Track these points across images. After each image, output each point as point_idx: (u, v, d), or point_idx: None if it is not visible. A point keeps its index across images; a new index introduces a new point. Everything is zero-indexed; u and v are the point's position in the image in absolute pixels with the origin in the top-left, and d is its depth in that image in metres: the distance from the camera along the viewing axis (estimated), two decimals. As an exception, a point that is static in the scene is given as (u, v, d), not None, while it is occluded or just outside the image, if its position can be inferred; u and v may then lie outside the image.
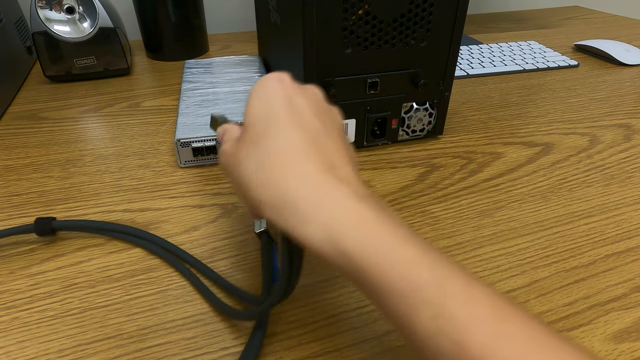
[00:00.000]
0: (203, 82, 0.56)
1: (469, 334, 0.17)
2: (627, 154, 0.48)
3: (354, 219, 0.19)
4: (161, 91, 0.63)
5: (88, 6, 0.61)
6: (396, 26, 0.41)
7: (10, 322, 0.29)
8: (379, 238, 0.19)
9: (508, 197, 0.41)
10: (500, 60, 0.73)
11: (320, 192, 0.20)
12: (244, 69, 0.60)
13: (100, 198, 0.40)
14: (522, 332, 0.17)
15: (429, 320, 0.17)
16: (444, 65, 0.45)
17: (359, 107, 0.45)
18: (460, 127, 0.54)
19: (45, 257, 0.34)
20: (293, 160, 0.21)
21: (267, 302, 0.25)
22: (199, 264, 0.33)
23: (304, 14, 0.38)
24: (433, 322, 0.17)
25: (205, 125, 0.45)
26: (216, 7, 0.92)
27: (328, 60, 0.41)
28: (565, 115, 0.57)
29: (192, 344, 0.28)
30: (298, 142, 0.22)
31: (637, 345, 0.28)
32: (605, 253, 0.35)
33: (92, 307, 0.30)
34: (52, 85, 0.65)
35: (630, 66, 0.74)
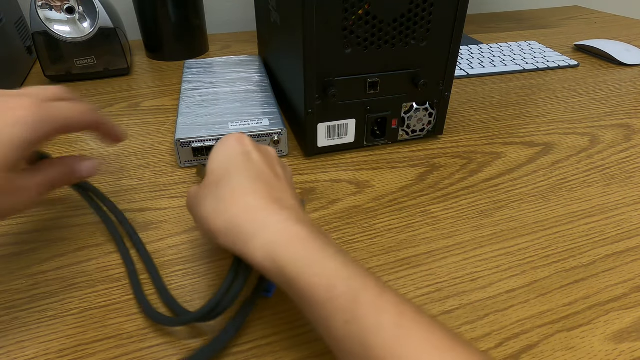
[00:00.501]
0: (203, 82, 0.56)
1: (373, 337, 0.19)
2: (627, 154, 0.48)
3: (288, 237, 0.23)
4: (161, 91, 0.63)
5: (88, 6, 0.61)
6: (396, 26, 0.41)
7: (10, 322, 0.29)
8: (307, 254, 0.22)
9: (508, 197, 0.41)
10: (500, 60, 0.73)
11: (262, 216, 0.24)
12: (244, 68, 0.60)
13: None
14: (420, 336, 0.19)
15: (342, 325, 0.20)
16: (444, 65, 0.45)
17: (359, 107, 0.45)
18: (460, 127, 0.54)
19: (45, 257, 0.34)
20: (242, 194, 0.25)
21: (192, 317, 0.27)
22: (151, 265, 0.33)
23: (304, 14, 0.38)
24: (345, 327, 0.20)
25: (206, 125, 0.45)
26: (216, 7, 0.93)
27: (328, 60, 0.41)
28: (565, 115, 0.57)
29: (192, 344, 0.28)
30: (248, 182, 0.26)
31: (637, 345, 0.28)
32: (605, 253, 0.35)
33: (92, 307, 0.30)
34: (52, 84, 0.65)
35: (630, 66, 0.74)
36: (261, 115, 0.47)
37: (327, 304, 0.21)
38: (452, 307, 0.30)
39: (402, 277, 0.33)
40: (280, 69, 0.53)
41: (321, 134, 0.45)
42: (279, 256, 0.22)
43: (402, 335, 0.19)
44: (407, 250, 0.35)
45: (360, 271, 0.22)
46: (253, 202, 0.25)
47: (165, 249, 0.35)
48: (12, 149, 0.24)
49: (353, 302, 0.20)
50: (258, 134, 0.45)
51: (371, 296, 0.21)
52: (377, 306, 0.20)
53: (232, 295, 0.26)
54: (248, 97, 0.52)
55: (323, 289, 0.21)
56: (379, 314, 0.20)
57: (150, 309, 0.29)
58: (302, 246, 0.22)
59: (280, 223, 0.23)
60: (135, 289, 0.31)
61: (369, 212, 0.39)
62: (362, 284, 0.21)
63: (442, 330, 0.20)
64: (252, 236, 0.23)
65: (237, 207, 0.24)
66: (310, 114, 0.43)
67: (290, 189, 0.28)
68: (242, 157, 0.28)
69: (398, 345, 0.19)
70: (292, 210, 0.25)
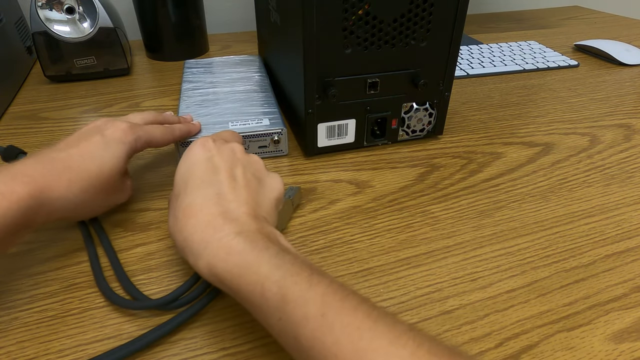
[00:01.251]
0: (203, 82, 0.56)
1: (302, 329, 0.21)
2: (627, 154, 0.48)
3: (225, 252, 0.25)
4: (161, 91, 0.63)
5: (88, 6, 0.61)
6: (396, 26, 0.41)
7: (10, 322, 0.29)
8: (242, 265, 0.24)
9: (508, 197, 0.41)
10: (500, 60, 0.73)
11: (207, 235, 0.26)
12: (243, 68, 0.60)
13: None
14: (343, 321, 0.20)
15: (277, 322, 0.22)
16: (444, 65, 0.45)
17: (359, 107, 0.45)
18: (460, 127, 0.54)
19: (45, 257, 0.34)
20: (192, 213, 0.27)
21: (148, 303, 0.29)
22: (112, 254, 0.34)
23: (304, 14, 0.38)
24: (279, 324, 0.22)
25: (206, 125, 0.45)
26: (216, 7, 0.93)
27: (328, 60, 0.41)
28: (565, 115, 0.57)
29: (192, 344, 0.28)
30: (199, 198, 0.28)
31: (637, 345, 0.28)
32: (605, 253, 0.35)
33: (92, 307, 0.30)
34: (52, 85, 0.65)
35: (630, 66, 0.74)
36: (261, 115, 0.47)
37: (263, 306, 0.23)
38: (452, 307, 0.30)
39: (402, 277, 0.33)
40: (280, 69, 0.53)
41: (321, 134, 0.45)
42: (218, 271, 0.25)
43: (326, 323, 0.21)
44: (407, 250, 0.35)
45: (293, 270, 0.23)
46: (201, 221, 0.27)
47: (165, 249, 0.35)
48: (120, 160, 0.34)
49: (282, 300, 0.22)
50: (258, 133, 0.45)
51: (298, 291, 0.22)
52: (304, 299, 0.22)
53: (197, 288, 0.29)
54: (248, 97, 0.52)
55: (257, 293, 0.23)
56: (304, 307, 0.21)
57: (110, 291, 0.30)
58: (238, 258, 0.24)
59: (220, 240, 0.25)
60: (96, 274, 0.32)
61: (369, 212, 0.39)
62: (292, 282, 0.22)
63: (365, 313, 0.21)
64: (198, 255, 0.26)
65: (187, 228, 0.27)
66: (310, 114, 0.43)
67: (246, 192, 0.29)
68: (203, 166, 0.30)
69: (322, 333, 0.20)
70: (235, 223, 0.26)
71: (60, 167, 0.30)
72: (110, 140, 0.33)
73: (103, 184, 0.32)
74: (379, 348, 0.19)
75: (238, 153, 0.32)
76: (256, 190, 0.30)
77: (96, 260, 0.33)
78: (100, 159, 0.32)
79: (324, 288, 0.22)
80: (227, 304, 0.30)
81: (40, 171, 0.29)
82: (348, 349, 0.20)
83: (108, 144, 0.33)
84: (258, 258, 0.24)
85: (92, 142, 0.33)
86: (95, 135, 0.33)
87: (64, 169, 0.30)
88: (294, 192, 0.38)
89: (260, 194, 0.30)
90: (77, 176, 0.30)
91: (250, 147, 0.46)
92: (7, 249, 0.28)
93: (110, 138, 0.33)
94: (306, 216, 0.39)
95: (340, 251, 0.35)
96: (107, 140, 0.33)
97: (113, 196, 0.35)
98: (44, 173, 0.29)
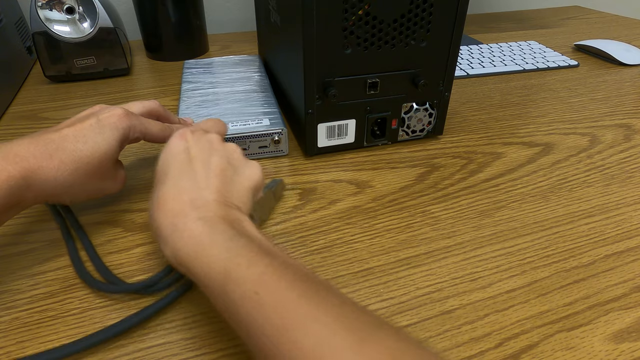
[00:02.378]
0: (203, 82, 0.56)
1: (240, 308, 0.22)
2: (627, 154, 0.48)
3: (187, 236, 0.25)
4: (161, 91, 0.63)
5: (88, 6, 0.61)
6: (396, 26, 0.41)
7: (10, 322, 0.29)
8: (198, 250, 0.25)
9: (508, 197, 0.41)
10: (500, 60, 0.73)
11: (174, 221, 0.27)
12: (243, 68, 0.60)
13: (100, 198, 0.40)
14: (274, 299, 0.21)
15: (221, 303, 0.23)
16: (444, 65, 0.45)
17: (359, 107, 0.45)
18: (460, 127, 0.54)
19: (45, 257, 0.34)
20: (165, 200, 0.28)
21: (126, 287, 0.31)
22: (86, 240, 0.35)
23: (304, 14, 0.38)
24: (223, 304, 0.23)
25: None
26: (216, 7, 0.93)
27: (328, 60, 0.41)
28: (566, 115, 0.57)
29: (192, 344, 0.28)
30: (173, 186, 0.29)
31: (637, 345, 0.28)
32: (605, 253, 0.35)
33: (92, 307, 0.30)
34: (52, 85, 0.65)
35: (630, 66, 0.74)
36: (261, 115, 0.47)
37: (209, 287, 0.24)
38: (452, 307, 0.30)
39: (402, 277, 0.33)
40: (280, 69, 0.53)
41: (321, 134, 0.45)
42: (179, 254, 0.25)
43: (259, 301, 0.21)
44: (407, 250, 0.35)
45: (241, 252, 0.24)
46: (170, 208, 0.27)
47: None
48: (113, 146, 0.33)
49: (224, 280, 0.23)
50: (258, 133, 0.45)
51: (239, 271, 0.23)
52: (243, 279, 0.22)
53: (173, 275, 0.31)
54: (248, 97, 0.52)
55: (205, 274, 0.24)
56: (243, 286, 0.22)
57: (87, 275, 0.32)
58: (195, 241, 0.25)
59: (185, 225, 0.26)
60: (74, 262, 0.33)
61: (369, 212, 0.39)
62: (235, 264, 0.23)
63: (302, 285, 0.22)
64: (165, 241, 0.26)
65: (160, 214, 0.27)
66: (310, 114, 0.43)
67: (218, 180, 0.30)
68: (180, 156, 0.31)
69: (256, 311, 0.21)
70: (202, 209, 0.27)
71: (52, 148, 0.30)
72: (104, 125, 0.33)
73: (94, 167, 0.32)
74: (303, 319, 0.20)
75: (215, 143, 0.33)
76: (230, 178, 0.31)
77: (75, 252, 0.34)
78: (92, 141, 0.32)
79: (263, 267, 0.23)
80: (227, 304, 0.30)
81: (32, 152, 0.29)
82: (276, 325, 0.20)
83: (102, 128, 0.33)
84: (212, 241, 0.25)
85: (86, 124, 0.33)
86: (91, 118, 0.33)
87: (56, 150, 0.30)
88: (276, 183, 0.39)
89: (235, 182, 0.31)
90: (69, 157, 0.30)
91: (250, 147, 0.46)
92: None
93: (104, 122, 0.33)
94: (306, 216, 0.39)
95: (341, 251, 0.35)
96: (101, 124, 0.33)
97: (104, 183, 0.35)
98: (36, 154, 0.29)
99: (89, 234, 0.36)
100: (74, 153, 0.31)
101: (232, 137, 0.44)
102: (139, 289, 0.30)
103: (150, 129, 0.37)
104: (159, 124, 0.38)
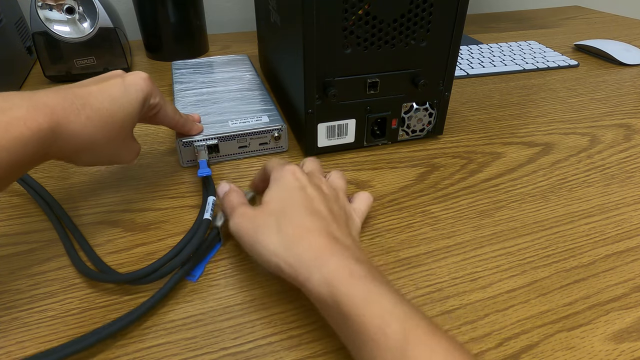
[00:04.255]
0: (195, 82, 0.56)
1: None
2: (627, 154, 0.48)
3: (347, 275, 0.25)
4: (161, 91, 0.63)
5: (88, 6, 0.61)
6: (396, 26, 0.41)
7: (10, 322, 0.29)
8: (363, 292, 0.24)
9: (508, 197, 0.41)
10: (500, 60, 0.73)
11: (325, 254, 0.26)
12: (233, 68, 0.60)
13: (100, 198, 0.40)
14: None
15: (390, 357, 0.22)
16: (444, 65, 0.45)
17: (359, 107, 0.45)
18: (460, 127, 0.54)
19: (45, 257, 0.34)
20: (306, 235, 0.28)
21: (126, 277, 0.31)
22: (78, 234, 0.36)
23: (304, 14, 0.38)
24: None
25: (206, 125, 0.45)
26: (216, 7, 0.93)
27: (328, 60, 0.41)
28: (565, 115, 0.57)
29: (192, 344, 0.28)
30: (310, 223, 0.28)
31: (637, 345, 0.28)
32: (605, 253, 0.35)
33: (92, 307, 0.30)
34: (52, 86, 0.65)
35: (630, 66, 0.74)
36: (260, 113, 0.48)
37: (380, 341, 0.22)
38: (452, 307, 0.30)
39: (402, 277, 0.33)
40: (281, 69, 0.53)
41: (321, 134, 0.45)
42: (337, 292, 0.24)
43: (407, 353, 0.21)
44: (407, 250, 0.35)
45: (412, 310, 0.23)
46: (315, 242, 0.27)
47: (165, 249, 0.35)
48: (136, 107, 0.34)
49: (404, 340, 0.21)
50: (259, 130, 0.45)
51: (422, 335, 0.22)
52: (428, 346, 0.21)
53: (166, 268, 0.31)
54: (244, 95, 0.52)
55: (377, 326, 0.22)
56: (430, 355, 0.21)
57: (83, 265, 0.32)
58: (360, 284, 0.24)
59: (340, 261, 0.26)
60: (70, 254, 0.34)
61: (369, 212, 0.39)
62: (415, 324, 0.22)
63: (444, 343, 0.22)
64: (313, 270, 0.26)
65: (301, 246, 0.27)
66: (310, 114, 0.43)
67: (345, 227, 0.31)
68: (300, 194, 0.31)
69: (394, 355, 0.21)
70: (350, 249, 0.27)
71: (80, 103, 0.30)
72: (129, 84, 0.33)
73: (117, 128, 0.32)
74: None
75: (324, 187, 0.33)
76: (346, 223, 0.32)
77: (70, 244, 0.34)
78: (117, 100, 0.32)
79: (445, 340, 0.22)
80: (227, 304, 0.30)
81: (61, 104, 0.29)
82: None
83: (127, 88, 0.33)
84: (379, 290, 0.24)
85: (111, 83, 0.33)
86: (116, 78, 0.33)
87: (84, 105, 0.30)
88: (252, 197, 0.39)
89: (350, 227, 0.32)
90: (95, 114, 0.30)
91: (251, 144, 0.46)
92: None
93: (129, 82, 0.34)
94: (306, 216, 0.39)
95: (340, 251, 0.35)
96: (126, 84, 0.33)
97: (121, 148, 0.34)
98: (65, 106, 0.29)
99: (89, 234, 0.36)
100: (100, 111, 0.31)
101: (232, 134, 0.44)
102: (134, 278, 0.30)
103: (166, 105, 0.38)
104: (173, 105, 0.39)
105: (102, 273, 0.32)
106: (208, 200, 0.36)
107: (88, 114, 0.30)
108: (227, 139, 0.45)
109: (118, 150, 0.34)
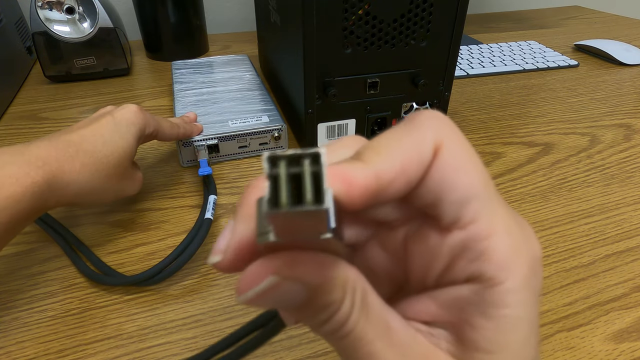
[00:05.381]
0: (195, 82, 0.56)
1: None
2: (627, 154, 0.48)
3: None
4: (161, 91, 0.63)
5: (88, 6, 0.61)
6: (396, 26, 0.41)
7: (10, 322, 0.29)
8: None
9: (508, 197, 0.41)
10: (500, 60, 0.73)
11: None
12: (233, 68, 0.60)
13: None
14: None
15: None
16: (444, 65, 0.45)
17: (359, 107, 0.45)
18: (460, 127, 0.53)
19: (45, 257, 0.34)
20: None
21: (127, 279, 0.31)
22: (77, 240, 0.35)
23: (304, 14, 0.38)
24: None
25: (206, 125, 0.45)
26: (216, 7, 0.93)
27: (328, 60, 0.41)
28: (565, 115, 0.57)
29: (192, 344, 0.28)
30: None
31: (637, 345, 0.28)
32: (605, 253, 0.35)
33: (92, 307, 0.30)
34: (52, 85, 0.65)
35: (630, 66, 0.74)
36: (260, 112, 0.48)
37: None
38: (452, 307, 0.30)
39: (402, 277, 0.33)
40: (281, 69, 0.53)
41: (321, 134, 0.45)
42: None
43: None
44: (407, 250, 0.35)
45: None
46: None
47: (165, 249, 0.35)
48: (131, 142, 0.33)
49: None
50: (259, 130, 0.45)
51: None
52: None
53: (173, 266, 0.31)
54: (243, 95, 0.52)
55: None
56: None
57: (88, 269, 0.32)
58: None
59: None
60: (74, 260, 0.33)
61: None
62: None
63: None
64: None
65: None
66: (310, 114, 0.43)
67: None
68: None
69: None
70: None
71: (72, 151, 0.30)
72: (120, 121, 0.33)
73: (114, 167, 0.32)
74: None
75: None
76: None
77: (70, 249, 0.34)
78: (110, 140, 0.32)
79: None
80: (227, 304, 0.30)
81: (54, 155, 0.29)
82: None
83: (118, 125, 0.33)
84: None
85: (102, 123, 0.32)
86: (106, 117, 0.33)
87: (77, 152, 0.30)
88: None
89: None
90: (89, 159, 0.30)
91: (251, 144, 0.46)
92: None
93: (120, 119, 0.33)
94: (306, 216, 0.39)
95: (340, 251, 0.35)
96: (117, 121, 0.33)
97: (122, 184, 0.34)
98: (58, 157, 0.29)
99: (89, 234, 0.36)
100: (94, 154, 0.31)
101: (232, 134, 0.44)
102: (140, 280, 0.30)
103: (162, 125, 0.37)
104: (168, 121, 0.38)
105: (106, 276, 0.32)
106: (209, 200, 0.36)
107: (82, 161, 0.30)
108: (227, 138, 0.45)
109: (119, 186, 0.34)
